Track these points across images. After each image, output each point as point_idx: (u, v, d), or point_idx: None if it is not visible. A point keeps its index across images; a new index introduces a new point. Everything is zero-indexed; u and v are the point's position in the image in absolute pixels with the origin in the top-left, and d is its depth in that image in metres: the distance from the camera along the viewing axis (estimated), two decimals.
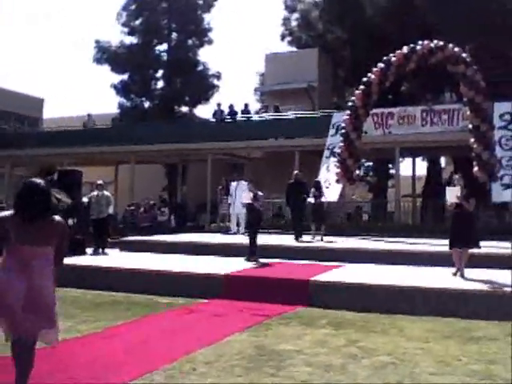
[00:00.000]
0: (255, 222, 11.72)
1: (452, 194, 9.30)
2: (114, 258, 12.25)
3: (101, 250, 13.32)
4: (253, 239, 11.49)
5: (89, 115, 28.63)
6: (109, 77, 34.82)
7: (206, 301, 8.78)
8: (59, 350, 5.86)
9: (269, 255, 11.59)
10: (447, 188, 9.71)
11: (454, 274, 9.20)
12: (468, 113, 13.93)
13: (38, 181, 4.21)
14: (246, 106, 25.38)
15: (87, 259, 12.03)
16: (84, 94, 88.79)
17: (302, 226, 14.40)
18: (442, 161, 31.65)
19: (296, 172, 15.24)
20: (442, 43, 13.63)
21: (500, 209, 18.01)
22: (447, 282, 8.68)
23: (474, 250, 9.19)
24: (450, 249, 9.24)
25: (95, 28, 76.98)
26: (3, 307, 3.98)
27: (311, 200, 14.40)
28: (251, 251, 11.35)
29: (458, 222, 9.14)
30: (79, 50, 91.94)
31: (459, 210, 9.16)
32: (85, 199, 14.19)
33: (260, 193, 11.92)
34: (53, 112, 73.77)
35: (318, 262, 10.93)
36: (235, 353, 5.79)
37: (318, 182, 15.24)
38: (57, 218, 4.25)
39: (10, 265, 4.04)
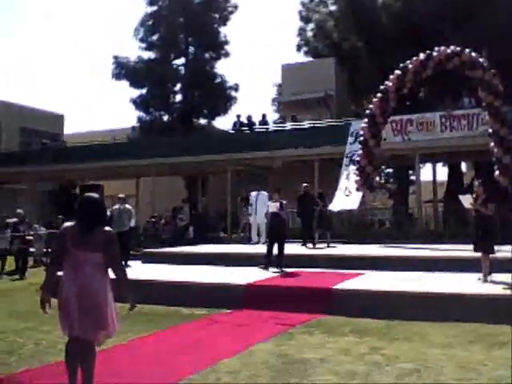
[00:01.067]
0: (282, 232, 11.68)
1: (466, 202, 9.69)
2: (136, 270, 12.33)
3: (123, 262, 13.42)
4: (280, 250, 11.47)
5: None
6: (128, 92, 35.19)
7: (228, 311, 8.82)
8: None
9: (289, 264, 11.62)
10: (460, 196, 10.00)
11: (479, 279, 9.16)
12: (487, 117, 13.85)
13: (94, 195, 4.82)
14: (264, 116, 25.48)
15: (110, 272, 12.12)
16: (104, 109, 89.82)
17: (311, 234, 15.27)
18: (463, 166, 31.45)
19: (304, 184, 15.88)
20: (458, 48, 13.60)
21: None
22: (470, 287, 8.62)
23: (499, 255, 9.15)
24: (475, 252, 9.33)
25: (113, 44, 78.02)
26: (65, 312, 4.45)
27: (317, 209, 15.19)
28: (279, 262, 11.35)
29: (477, 227, 9.34)
30: (98, 65, 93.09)
31: (478, 214, 9.34)
32: (107, 213, 14.35)
33: (284, 201, 11.98)
34: (73, 128, 74.74)
35: (337, 270, 10.91)
36: (259, 362, 5.82)
37: (322, 194, 16.15)
38: (106, 228, 4.69)
39: (67, 269, 4.56)
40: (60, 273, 4.69)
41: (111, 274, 4.76)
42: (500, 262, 9.84)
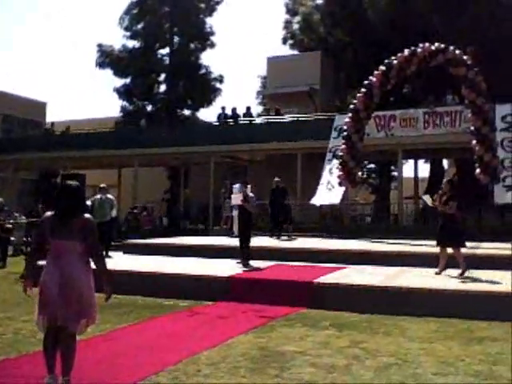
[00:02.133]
0: (246, 225, 11.52)
1: (428, 201, 10.34)
2: (118, 261, 12.28)
3: (104, 253, 13.34)
4: (245, 243, 11.34)
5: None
6: (111, 80, 34.98)
7: (209, 303, 8.82)
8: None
9: (268, 257, 11.66)
10: (422, 196, 10.80)
11: (437, 273, 9.60)
12: (470, 115, 13.96)
13: (72, 183, 4.82)
14: (248, 109, 25.43)
15: (91, 262, 12.04)
16: (87, 97, 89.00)
17: (276, 225, 16.78)
18: (445, 163, 31.70)
19: (276, 179, 16.81)
20: (443, 46, 13.67)
21: (502, 210, 18.05)
22: (449, 282, 8.72)
23: (478, 251, 9.30)
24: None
25: (97, 31, 77.30)
26: (44, 300, 4.51)
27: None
28: (244, 255, 11.22)
29: (441, 224, 9.76)
30: (82, 53, 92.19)
31: (442, 212, 9.79)
32: (88, 202, 14.22)
33: (251, 194, 11.72)
34: (56, 116, 73.98)
35: (319, 264, 10.95)
36: (239, 354, 5.82)
37: (284, 188, 16.92)
38: (85, 215, 4.70)
39: (48, 259, 4.64)
40: (41, 262, 4.72)
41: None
42: (501, 258, 10.04)
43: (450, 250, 9.64)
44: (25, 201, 28.90)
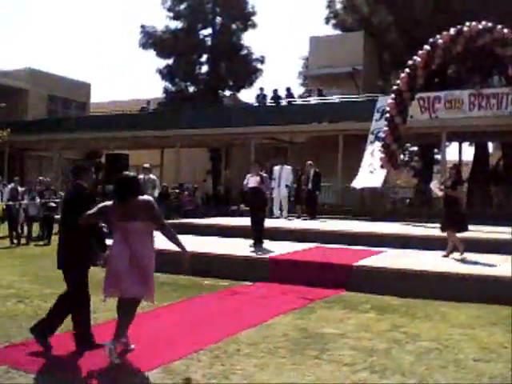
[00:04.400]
0: (261, 207, 11.33)
1: (435, 189, 10.27)
2: (159, 241, 12.45)
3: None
4: (260, 225, 11.13)
5: (148, 101, 28.76)
6: (154, 61, 35.32)
7: (250, 283, 8.90)
8: (108, 329, 6.08)
9: (308, 239, 11.68)
10: (430, 185, 10.75)
11: (445, 256, 9.70)
12: None
13: (126, 173, 5.50)
14: (289, 89, 25.34)
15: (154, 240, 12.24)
16: (130, 78, 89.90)
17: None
18: (490, 146, 30.99)
19: (309, 163, 17.05)
20: (490, 25, 13.28)
21: None
22: (490, 268, 8.57)
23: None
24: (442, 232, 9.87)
25: (141, 12, 77.75)
26: (113, 272, 5.06)
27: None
28: (257, 237, 11.03)
29: (446, 208, 9.83)
30: (126, 34, 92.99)
31: (446, 197, 9.83)
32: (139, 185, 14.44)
33: (265, 175, 11.53)
34: (99, 97, 75.02)
35: (359, 247, 10.92)
36: (279, 335, 5.88)
37: (317, 172, 16.95)
38: (144, 197, 5.24)
39: (116, 238, 5.17)
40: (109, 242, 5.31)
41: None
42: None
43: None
44: (70, 180, 29.50)
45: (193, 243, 11.62)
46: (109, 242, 5.30)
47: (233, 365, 4.93)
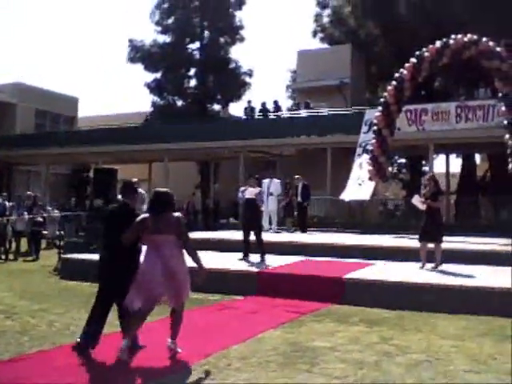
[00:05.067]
0: (258, 219, 11.43)
1: (418, 203, 10.10)
2: None
3: None
4: (260, 236, 11.09)
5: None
6: (142, 75, 35.36)
7: (239, 297, 8.87)
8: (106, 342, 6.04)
9: (296, 252, 11.68)
10: (412, 201, 10.42)
11: (421, 268, 9.74)
12: (503, 108, 13.71)
13: (162, 190, 5.99)
14: (276, 102, 25.43)
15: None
16: (118, 93, 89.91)
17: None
18: (477, 157, 31.22)
19: (296, 177, 17.47)
20: (475, 37, 13.42)
21: None
22: (480, 280, 8.61)
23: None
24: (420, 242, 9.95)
25: (128, 26, 77.87)
26: (145, 284, 5.44)
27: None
28: (262, 250, 10.97)
29: (430, 219, 9.78)
30: (114, 49, 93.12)
31: (428, 208, 9.83)
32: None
33: (259, 189, 11.66)
34: (87, 111, 74.95)
35: (348, 260, 10.92)
36: (269, 349, 5.86)
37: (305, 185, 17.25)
38: (176, 214, 5.70)
39: (148, 251, 5.57)
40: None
41: None
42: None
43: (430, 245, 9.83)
44: (58, 195, 29.38)
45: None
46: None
47: (223, 379, 4.90)
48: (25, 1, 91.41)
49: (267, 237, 13.41)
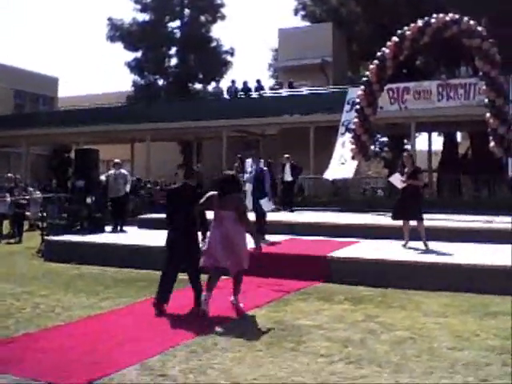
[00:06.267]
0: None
1: (396, 182, 10.07)
2: (133, 236, 12.40)
3: (119, 228, 13.47)
4: (263, 217, 11.19)
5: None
6: (123, 54, 34.95)
7: (224, 277, 8.87)
8: (83, 326, 6.03)
9: (282, 231, 11.71)
10: (390, 179, 10.47)
11: (404, 246, 9.83)
12: (484, 87, 13.79)
13: (229, 173, 7.33)
14: (259, 82, 25.29)
15: (106, 237, 12.18)
16: (99, 72, 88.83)
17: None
18: (458, 135, 31.44)
19: (286, 156, 17.43)
20: (457, 16, 13.43)
21: None
22: (462, 257, 8.71)
23: (493, 225, 9.29)
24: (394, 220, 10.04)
25: (108, 4, 76.69)
26: (211, 250, 6.53)
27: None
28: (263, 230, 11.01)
29: (407, 197, 9.74)
30: (93, 27, 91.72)
31: (408, 186, 9.80)
32: (102, 178, 14.28)
33: (265, 168, 11.68)
34: (68, 91, 73.99)
35: (333, 238, 10.97)
36: (255, 328, 5.91)
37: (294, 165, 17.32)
38: (236, 194, 6.76)
39: (214, 224, 6.65)
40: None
41: None
42: (494, 232, 10.04)
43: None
44: (39, 176, 29.09)
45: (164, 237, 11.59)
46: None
47: (210, 359, 4.93)
48: None
49: (252, 216, 13.44)
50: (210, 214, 6.78)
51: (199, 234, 6.81)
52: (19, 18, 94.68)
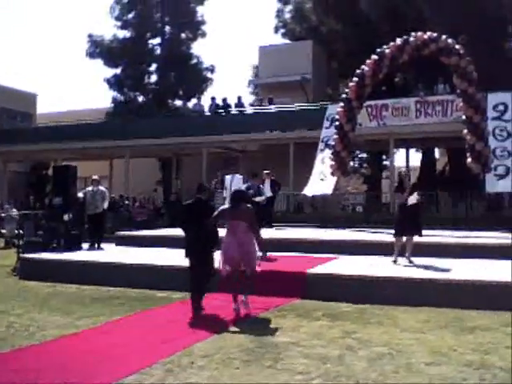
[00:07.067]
0: (258, 216, 11.68)
1: (413, 200, 9.95)
2: (110, 253, 12.27)
3: (96, 245, 13.33)
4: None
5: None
6: (102, 71, 34.82)
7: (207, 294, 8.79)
8: (57, 346, 5.93)
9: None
10: (409, 199, 10.06)
11: (394, 262, 9.81)
12: (461, 104, 13.97)
13: (241, 189, 9.15)
14: (239, 98, 25.35)
15: (83, 254, 12.04)
16: (78, 88, 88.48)
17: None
18: (436, 152, 31.77)
19: (265, 172, 16.95)
20: (435, 35, 13.63)
21: (493, 199, 18.18)
22: (439, 273, 8.74)
23: (469, 240, 9.34)
24: (395, 237, 9.98)
25: (88, 21, 76.62)
26: (228, 256, 7.44)
27: None
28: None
29: (405, 215, 9.75)
30: (73, 44, 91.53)
31: (404, 205, 9.84)
32: (80, 194, 14.15)
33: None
34: (46, 107, 73.59)
35: (311, 255, 10.95)
36: (233, 346, 5.84)
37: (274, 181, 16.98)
38: (247, 205, 7.69)
39: (228, 233, 7.60)
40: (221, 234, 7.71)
41: None
42: (471, 247, 10.12)
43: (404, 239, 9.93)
44: (16, 193, 28.74)
45: (145, 255, 11.50)
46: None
47: (186, 378, 4.86)
48: None
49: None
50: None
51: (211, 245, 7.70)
52: None
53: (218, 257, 7.58)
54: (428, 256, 10.08)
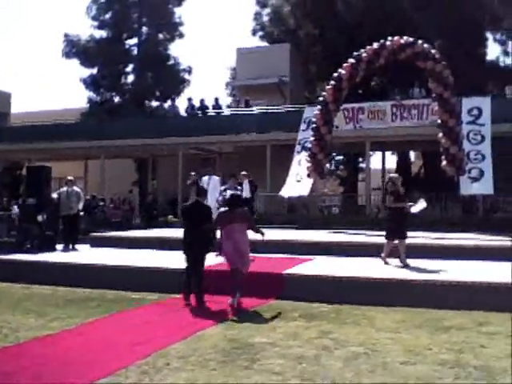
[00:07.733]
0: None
1: (419, 207, 10.36)
2: (85, 254, 12.14)
3: (71, 246, 13.18)
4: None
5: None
6: (78, 71, 34.53)
7: (178, 296, 8.75)
8: (31, 348, 5.84)
9: None
10: (421, 203, 10.51)
11: (386, 263, 9.89)
12: (436, 108, 14.13)
13: (235, 192, 9.18)
14: (217, 100, 25.31)
15: (58, 256, 11.89)
16: (52, 88, 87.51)
17: None
18: (412, 155, 32.11)
19: (243, 173, 15.89)
20: (411, 39, 13.78)
21: (467, 201, 18.40)
22: (416, 273, 8.82)
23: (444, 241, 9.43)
24: (387, 239, 10.04)
25: (64, 20, 75.92)
26: (228, 256, 8.04)
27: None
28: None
29: (394, 218, 9.91)
30: (48, 43, 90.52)
31: (399, 209, 9.94)
32: (54, 195, 13.98)
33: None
34: (21, 107, 72.63)
35: (287, 255, 10.97)
36: (209, 346, 5.81)
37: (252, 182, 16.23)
38: (243, 208, 8.36)
39: (225, 236, 8.08)
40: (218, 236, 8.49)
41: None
42: (445, 248, 10.19)
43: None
44: None
45: (120, 256, 11.41)
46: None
47: (162, 379, 4.82)
48: None
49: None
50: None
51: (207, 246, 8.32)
52: None
53: (212, 258, 8.31)
54: (407, 257, 10.15)
